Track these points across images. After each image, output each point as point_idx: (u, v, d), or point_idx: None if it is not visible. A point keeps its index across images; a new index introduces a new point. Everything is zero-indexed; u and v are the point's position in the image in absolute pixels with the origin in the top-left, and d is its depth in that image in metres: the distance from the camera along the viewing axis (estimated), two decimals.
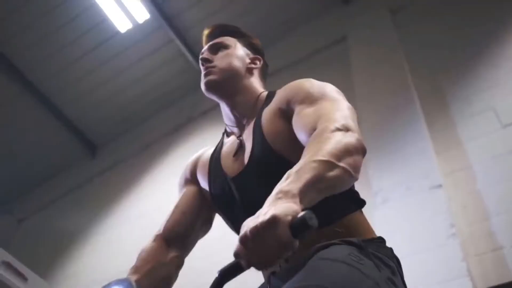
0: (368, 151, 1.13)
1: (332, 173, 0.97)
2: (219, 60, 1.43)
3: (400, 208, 2.84)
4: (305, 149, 1.04)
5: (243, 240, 0.86)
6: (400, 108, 3.28)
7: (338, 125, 1.08)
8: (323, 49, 4.10)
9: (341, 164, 0.99)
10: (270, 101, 1.36)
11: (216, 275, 0.91)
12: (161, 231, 1.39)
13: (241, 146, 1.36)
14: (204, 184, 1.42)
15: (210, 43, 1.48)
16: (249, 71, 1.45)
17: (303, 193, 0.91)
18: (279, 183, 0.94)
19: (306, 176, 0.94)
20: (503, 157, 2.88)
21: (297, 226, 0.83)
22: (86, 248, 4.54)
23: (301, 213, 0.85)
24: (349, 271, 1.00)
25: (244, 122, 1.40)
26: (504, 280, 2.54)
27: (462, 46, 3.44)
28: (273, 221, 0.84)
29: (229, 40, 1.48)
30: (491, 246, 2.66)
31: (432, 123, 3.14)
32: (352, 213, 1.22)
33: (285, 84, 1.36)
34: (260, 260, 0.86)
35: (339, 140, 1.03)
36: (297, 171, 0.95)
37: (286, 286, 0.98)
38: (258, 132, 1.30)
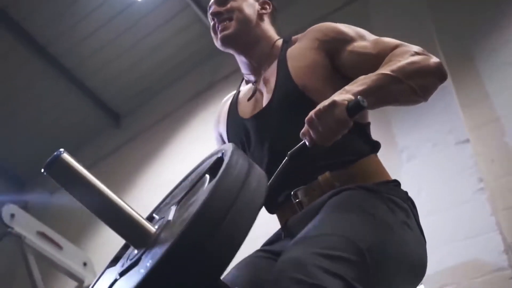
0: (392, 109, 1.12)
1: (396, 87, 1.09)
2: (230, 12, 1.40)
3: (426, 165, 2.82)
4: (381, 65, 1.14)
5: (309, 121, 1.01)
6: None
7: (416, 49, 1.18)
8: (342, 7, 4.00)
9: (409, 82, 1.09)
10: (289, 44, 1.37)
11: (286, 157, 1.06)
12: None
13: (256, 91, 1.37)
14: (224, 133, 1.44)
15: None
16: (260, 17, 1.44)
17: (362, 94, 1.02)
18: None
19: (369, 83, 1.07)
20: None
21: (352, 107, 0.99)
22: None
23: (355, 99, 1.00)
24: (362, 217, 1.02)
25: (261, 69, 1.40)
26: None
27: None
28: (333, 104, 0.99)
29: None
30: None
31: (457, 77, 3.07)
32: (367, 156, 1.22)
33: None
34: (322, 136, 1.00)
35: (416, 61, 1.14)
36: (364, 78, 1.08)
37: (300, 235, 1.00)
38: (283, 69, 1.30)
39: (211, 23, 1.46)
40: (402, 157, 2.90)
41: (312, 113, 1.01)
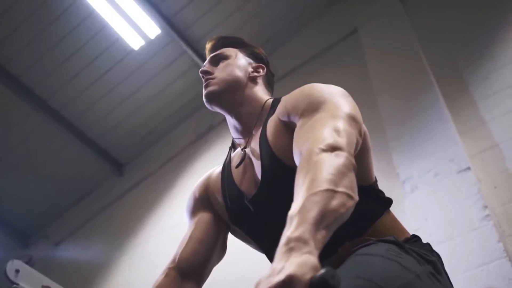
0: (390, 140, 1.10)
1: (335, 202, 0.87)
2: (219, 71, 1.39)
3: (430, 195, 2.81)
4: (296, 179, 0.94)
5: None
6: (418, 93, 3.25)
7: (322, 145, 0.98)
8: (336, 43, 4.09)
9: (340, 189, 0.89)
10: (275, 109, 1.30)
11: None
12: (175, 262, 1.33)
13: (245, 158, 1.32)
14: (218, 204, 1.38)
15: (211, 55, 1.45)
16: (252, 80, 1.41)
17: (315, 235, 0.79)
18: (285, 229, 0.82)
19: (312, 214, 0.82)
20: None
21: (317, 286, 0.70)
22: (124, 264, 4.60)
23: (321, 271, 0.72)
24: (389, 264, 0.99)
25: (253, 131, 1.35)
26: None
27: (475, 24, 3.40)
28: (290, 282, 0.70)
29: (229, 50, 1.45)
30: None
31: (453, 106, 3.10)
32: (380, 217, 1.19)
33: (301, 85, 1.31)
34: None
35: (329, 163, 0.94)
36: (300, 211, 0.83)
37: None
38: (264, 146, 1.25)
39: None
40: (405, 188, 2.89)
41: None
